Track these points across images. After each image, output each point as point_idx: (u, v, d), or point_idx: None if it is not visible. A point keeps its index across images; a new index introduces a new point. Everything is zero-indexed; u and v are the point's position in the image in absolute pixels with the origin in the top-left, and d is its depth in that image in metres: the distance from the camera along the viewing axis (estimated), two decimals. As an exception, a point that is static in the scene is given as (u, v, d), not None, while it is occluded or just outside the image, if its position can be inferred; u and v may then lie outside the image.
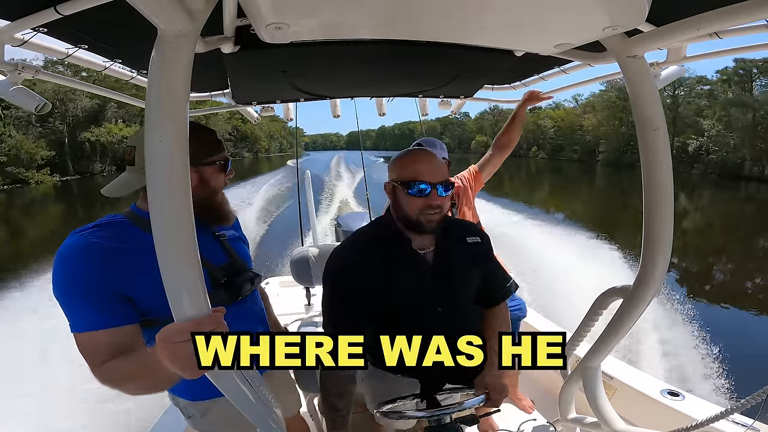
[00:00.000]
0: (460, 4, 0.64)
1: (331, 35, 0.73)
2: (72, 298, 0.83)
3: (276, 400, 0.80)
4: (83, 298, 0.82)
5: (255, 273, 1.16)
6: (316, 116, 58.43)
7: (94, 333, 0.81)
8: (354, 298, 1.12)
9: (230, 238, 1.15)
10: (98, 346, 0.81)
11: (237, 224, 1.23)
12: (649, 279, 0.98)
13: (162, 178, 0.55)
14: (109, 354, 0.81)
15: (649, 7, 0.61)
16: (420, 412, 1.07)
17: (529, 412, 2.05)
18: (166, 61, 0.55)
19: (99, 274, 0.83)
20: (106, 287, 0.83)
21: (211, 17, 0.59)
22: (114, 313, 0.83)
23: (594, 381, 1.17)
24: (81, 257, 0.84)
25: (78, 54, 0.97)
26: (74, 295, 0.83)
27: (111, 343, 0.81)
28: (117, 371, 0.80)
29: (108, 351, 0.81)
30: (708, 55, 1.15)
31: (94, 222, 0.92)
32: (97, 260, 0.83)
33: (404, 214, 1.11)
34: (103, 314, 0.82)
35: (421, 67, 1.31)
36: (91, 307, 0.82)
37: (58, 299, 0.83)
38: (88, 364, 0.82)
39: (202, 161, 1.00)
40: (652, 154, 0.92)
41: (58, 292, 0.83)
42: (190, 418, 1.12)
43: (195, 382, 0.72)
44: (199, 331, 0.57)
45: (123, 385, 0.81)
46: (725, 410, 0.83)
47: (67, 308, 0.83)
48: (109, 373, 0.81)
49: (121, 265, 0.85)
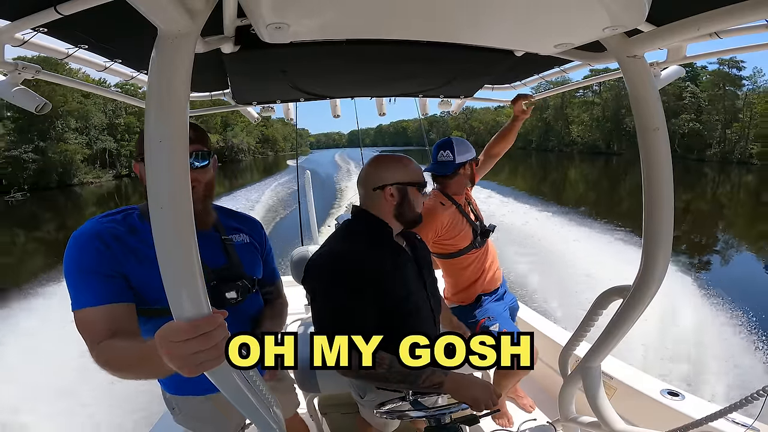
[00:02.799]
0: (461, 4, 0.64)
1: (331, 35, 0.73)
2: (74, 277, 0.89)
3: (276, 400, 0.80)
4: (83, 278, 0.89)
5: (248, 284, 1.11)
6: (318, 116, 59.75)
7: (90, 309, 0.87)
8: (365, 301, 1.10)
9: (238, 243, 1.14)
10: (95, 322, 0.87)
11: (258, 231, 1.25)
12: (650, 279, 0.98)
13: (162, 178, 0.55)
14: (106, 332, 0.85)
15: (649, 7, 0.61)
16: (420, 412, 1.07)
17: (529, 411, 2.05)
18: (166, 61, 0.55)
19: (100, 256, 0.90)
20: (104, 268, 0.90)
21: (211, 17, 0.59)
22: (109, 292, 0.89)
23: (594, 381, 1.17)
24: (88, 240, 0.91)
25: (78, 54, 0.97)
26: (76, 275, 0.89)
27: (107, 319, 0.87)
28: (113, 354, 0.83)
29: (104, 328, 0.86)
30: (708, 55, 1.15)
31: (112, 210, 1.02)
32: (101, 244, 0.91)
33: (413, 213, 1.20)
34: (100, 292, 0.88)
35: (421, 67, 1.31)
36: (89, 286, 0.88)
37: (65, 279, 0.90)
38: (86, 343, 0.87)
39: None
40: (652, 154, 0.92)
41: (65, 271, 0.90)
42: (172, 410, 1.16)
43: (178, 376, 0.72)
44: (197, 332, 0.57)
45: (118, 369, 0.84)
46: (724, 409, 0.84)
47: (70, 287, 0.89)
48: (105, 353, 0.84)
49: (121, 249, 0.93)
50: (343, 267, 1.11)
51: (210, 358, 0.59)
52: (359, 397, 1.33)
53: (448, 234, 1.80)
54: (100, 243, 0.91)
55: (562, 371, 1.31)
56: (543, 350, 2.28)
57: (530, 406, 2.08)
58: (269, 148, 72.12)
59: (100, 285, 0.89)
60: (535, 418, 1.95)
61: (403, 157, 1.23)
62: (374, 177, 1.18)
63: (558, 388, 1.31)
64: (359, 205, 1.25)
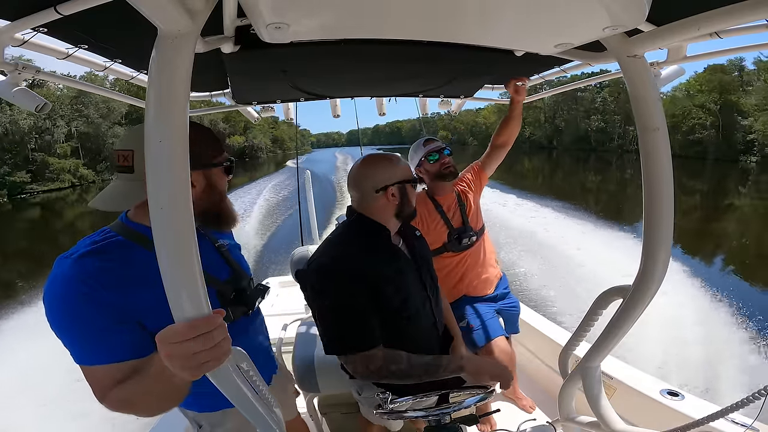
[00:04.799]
0: (461, 4, 0.64)
1: (331, 35, 0.73)
2: (72, 333, 0.75)
3: (276, 401, 0.80)
4: (84, 334, 0.75)
5: (264, 285, 1.11)
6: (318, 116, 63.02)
7: (98, 367, 0.76)
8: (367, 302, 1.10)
9: (229, 247, 1.09)
10: (105, 378, 0.76)
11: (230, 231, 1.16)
12: (650, 278, 0.98)
13: (162, 178, 0.55)
14: (118, 383, 0.76)
15: (649, 7, 0.61)
16: (420, 411, 1.07)
17: (529, 411, 2.05)
18: (166, 61, 0.55)
19: (101, 307, 0.75)
20: (109, 320, 0.75)
21: (211, 17, 0.59)
22: (122, 347, 0.76)
23: (594, 381, 1.17)
24: (79, 289, 0.74)
25: (78, 54, 0.97)
26: (74, 331, 0.75)
27: (119, 375, 0.76)
28: (126, 394, 0.75)
29: (116, 382, 0.75)
30: (708, 55, 1.15)
31: (87, 240, 0.81)
32: (100, 292, 0.75)
33: (409, 208, 1.22)
34: (108, 349, 0.75)
35: (421, 67, 1.31)
36: (93, 342, 0.75)
37: (56, 333, 0.76)
38: (95, 395, 0.77)
39: (210, 162, 0.93)
40: (652, 154, 0.92)
41: (55, 326, 0.75)
42: (200, 428, 1.06)
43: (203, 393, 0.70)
44: (197, 332, 0.57)
45: (135, 406, 0.77)
46: (724, 409, 0.83)
47: (68, 343, 0.76)
48: (117, 400, 0.76)
49: (127, 293, 0.77)
50: (339, 273, 1.10)
51: (210, 359, 0.59)
52: (358, 394, 1.33)
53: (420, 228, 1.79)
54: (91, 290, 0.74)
55: (562, 371, 1.31)
56: (543, 350, 2.28)
57: (530, 406, 2.08)
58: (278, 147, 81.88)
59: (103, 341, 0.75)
60: (535, 418, 1.95)
61: (394, 156, 1.25)
62: (374, 179, 1.18)
63: (558, 388, 1.31)
64: (353, 207, 1.25)
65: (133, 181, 0.83)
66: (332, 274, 1.11)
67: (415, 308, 1.20)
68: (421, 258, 1.31)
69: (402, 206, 1.21)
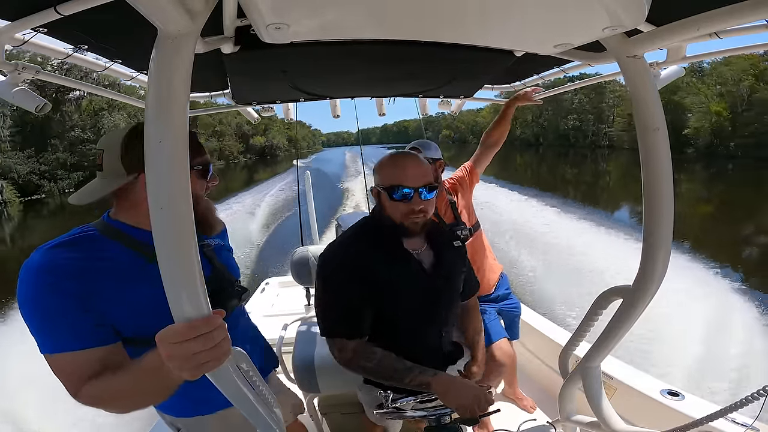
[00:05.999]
0: (461, 4, 0.64)
1: (331, 35, 0.73)
2: (38, 321, 0.76)
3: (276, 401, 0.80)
4: (48, 321, 0.76)
5: (242, 287, 1.07)
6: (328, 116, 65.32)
7: (67, 354, 0.76)
8: (358, 295, 1.12)
9: (216, 247, 1.07)
10: (74, 369, 0.76)
11: (224, 233, 1.15)
12: (649, 278, 0.98)
13: (162, 178, 0.55)
14: (90, 375, 0.76)
15: (649, 7, 0.61)
16: (420, 411, 1.07)
17: (529, 411, 2.05)
18: (166, 61, 0.55)
19: (66, 296, 0.76)
20: (74, 308, 0.76)
21: (211, 17, 0.59)
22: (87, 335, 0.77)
23: (594, 381, 1.17)
24: (45, 279, 0.76)
25: (78, 54, 0.97)
26: (39, 318, 0.76)
27: (87, 367, 0.76)
28: (101, 388, 0.75)
29: (86, 375, 0.76)
30: (708, 55, 1.15)
31: (64, 235, 0.83)
32: (65, 282, 0.76)
33: (390, 219, 1.15)
34: (73, 335, 0.76)
35: (421, 67, 1.31)
36: (58, 329, 0.76)
37: (24, 321, 0.76)
38: (67, 389, 0.77)
39: None
40: (652, 154, 0.92)
41: (23, 314, 0.76)
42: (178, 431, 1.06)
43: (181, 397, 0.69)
44: (196, 333, 0.57)
45: (109, 403, 0.77)
46: (724, 409, 0.83)
47: (34, 330, 0.76)
48: (92, 391, 0.76)
49: (95, 286, 0.78)
50: (340, 262, 1.14)
51: (210, 359, 0.59)
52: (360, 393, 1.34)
53: None
54: (59, 280, 0.76)
55: (562, 371, 1.31)
56: (543, 350, 2.28)
57: (531, 407, 2.08)
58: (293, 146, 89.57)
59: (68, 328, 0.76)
60: (535, 418, 1.95)
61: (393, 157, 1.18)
62: (375, 177, 1.17)
63: (558, 388, 1.31)
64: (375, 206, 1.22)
65: (102, 178, 0.87)
66: (333, 261, 1.15)
67: (410, 317, 1.18)
68: (445, 270, 1.22)
69: (382, 211, 1.16)
